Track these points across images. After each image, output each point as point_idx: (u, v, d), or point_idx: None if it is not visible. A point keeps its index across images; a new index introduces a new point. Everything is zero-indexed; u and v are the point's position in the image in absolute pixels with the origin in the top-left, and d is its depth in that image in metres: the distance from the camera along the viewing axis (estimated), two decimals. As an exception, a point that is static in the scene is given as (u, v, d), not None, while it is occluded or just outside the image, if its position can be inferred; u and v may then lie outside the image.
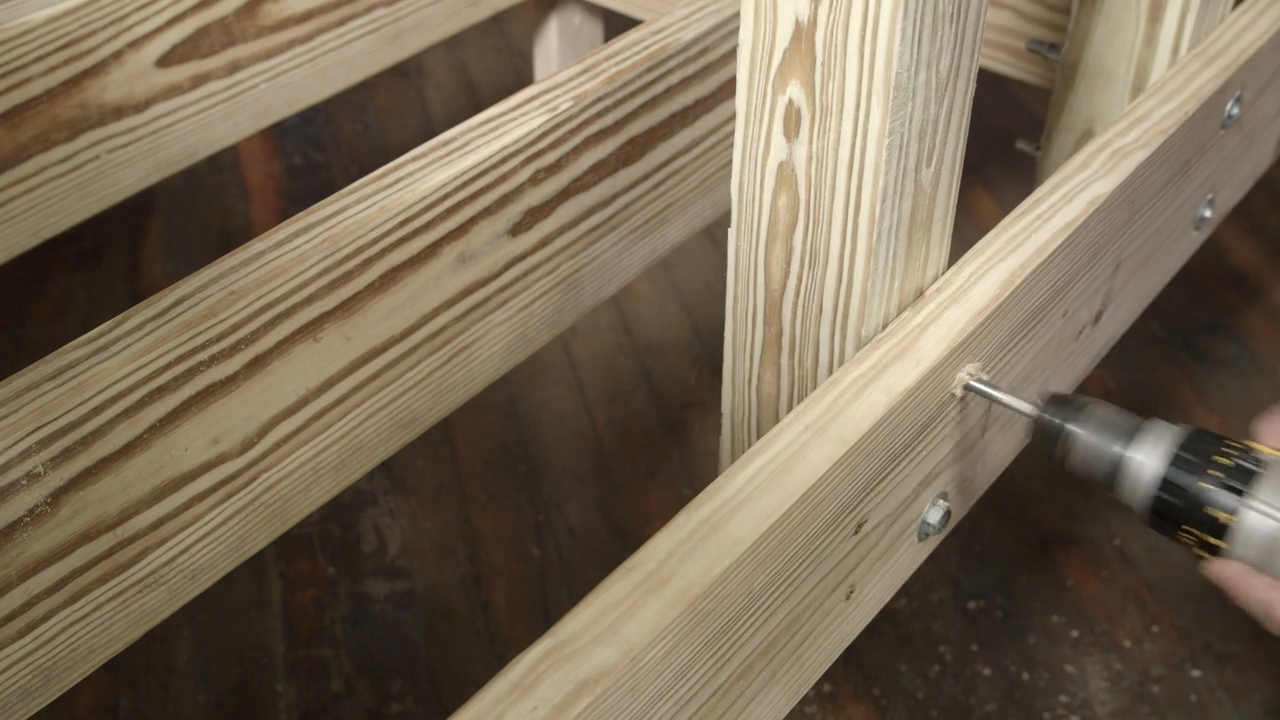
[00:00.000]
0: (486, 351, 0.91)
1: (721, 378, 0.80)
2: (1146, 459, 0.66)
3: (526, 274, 0.91)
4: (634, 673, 0.54)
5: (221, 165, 2.19)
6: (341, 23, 1.16)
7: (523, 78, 2.33)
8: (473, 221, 0.85)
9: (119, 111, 1.02)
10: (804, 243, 0.70)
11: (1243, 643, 1.44)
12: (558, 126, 0.87)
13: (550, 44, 1.48)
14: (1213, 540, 0.65)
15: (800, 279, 0.71)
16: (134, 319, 0.71)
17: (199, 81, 1.07)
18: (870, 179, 0.65)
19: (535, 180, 0.88)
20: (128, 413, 0.69)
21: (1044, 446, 0.69)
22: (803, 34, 0.63)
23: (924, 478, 0.72)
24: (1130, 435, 0.67)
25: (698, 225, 1.05)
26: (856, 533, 0.67)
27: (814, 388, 0.71)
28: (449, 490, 1.64)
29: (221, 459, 0.75)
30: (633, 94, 0.92)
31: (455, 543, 1.57)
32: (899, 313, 0.72)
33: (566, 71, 0.90)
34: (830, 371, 0.73)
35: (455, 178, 0.82)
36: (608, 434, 1.71)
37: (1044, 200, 0.79)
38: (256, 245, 0.76)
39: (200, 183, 2.16)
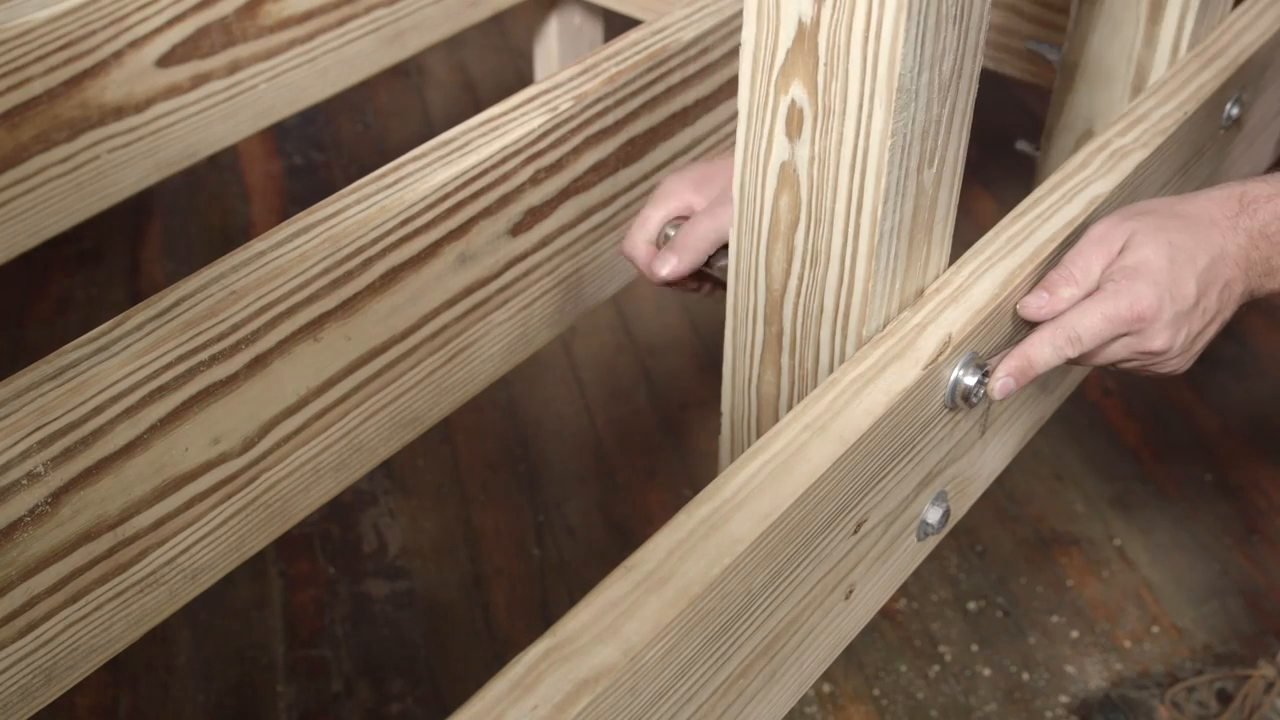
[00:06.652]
0: (487, 351, 0.91)
1: (721, 378, 0.80)
2: None
3: (527, 274, 0.91)
4: (634, 672, 0.54)
5: (221, 165, 2.19)
6: (341, 23, 1.16)
7: (523, 78, 2.33)
8: (473, 221, 0.85)
9: (119, 111, 1.02)
10: (805, 243, 0.70)
11: (1243, 642, 1.44)
12: (558, 126, 0.87)
13: (550, 44, 1.48)
14: None
15: (801, 279, 0.71)
16: (134, 319, 0.71)
17: (199, 81, 1.06)
18: (872, 180, 0.65)
19: (536, 180, 0.88)
20: (128, 413, 0.69)
21: None
22: (805, 35, 0.63)
23: (923, 477, 0.72)
24: None
25: (698, 225, 1.05)
26: (856, 532, 0.67)
27: (814, 387, 0.71)
28: (449, 490, 1.64)
29: (222, 459, 0.75)
30: (633, 94, 0.92)
31: (455, 543, 1.57)
32: (900, 313, 0.72)
33: (566, 71, 0.90)
34: (831, 371, 0.73)
35: (455, 178, 0.82)
36: (608, 434, 1.71)
37: (1043, 200, 0.79)
38: (257, 245, 0.76)
39: (200, 183, 2.16)
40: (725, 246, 0.79)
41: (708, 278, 0.81)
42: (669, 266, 0.79)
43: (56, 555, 0.69)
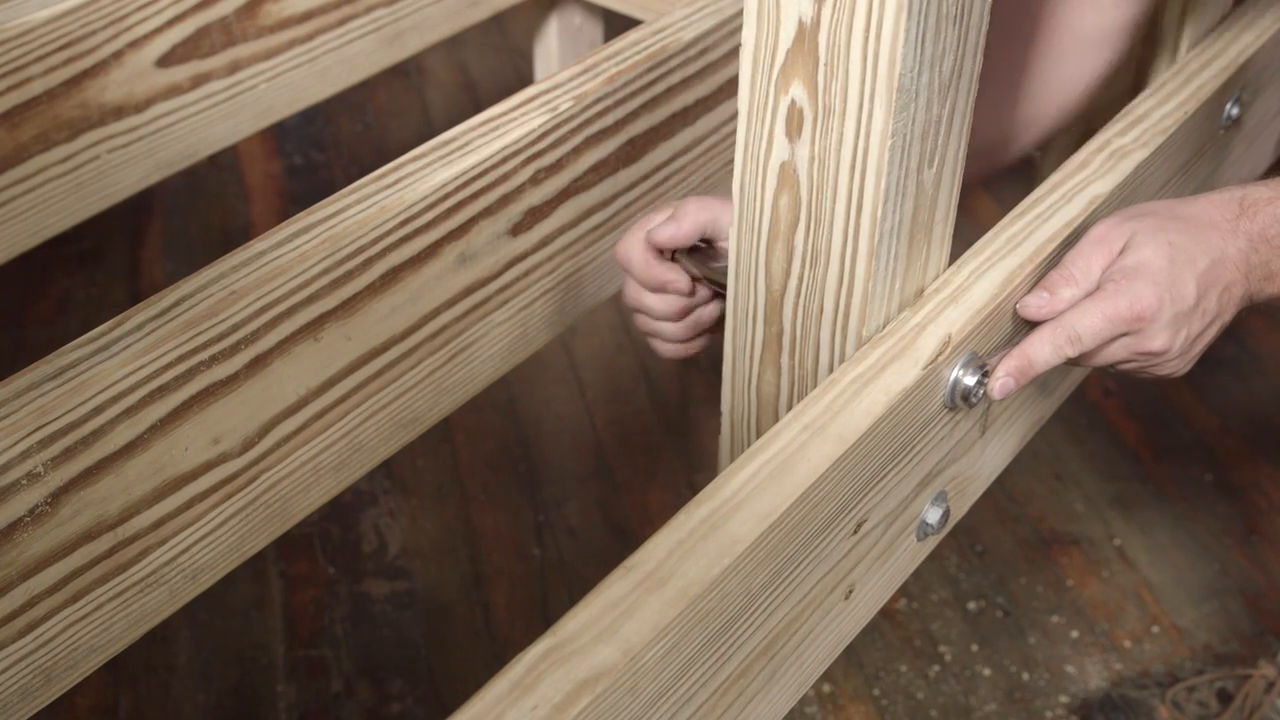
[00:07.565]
0: (487, 351, 0.91)
1: (721, 377, 0.80)
2: None
3: (527, 274, 0.91)
4: (634, 672, 0.54)
5: (221, 165, 2.19)
6: (341, 23, 1.16)
7: (523, 78, 2.33)
8: (473, 221, 0.85)
9: (119, 111, 1.02)
10: (805, 243, 0.70)
11: (1243, 642, 1.44)
12: (558, 126, 0.87)
13: (550, 44, 1.48)
14: None
15: (801, 279, 0.71)
16: (134, 319, 0.71)
17: (199, 81, 1.07)
18: (872, 180, 0.65)
19: (536, 180, 0.88)
20: (128, 413, 0.69)
21: None
22: (806, 35, 0.63)
23: (923, 477, 0.72)
24: None
25: (698, 225, 1.05)
26: (856, 532, 0.67)
27: (814, 387, 0.71)
28: (449, 490, 1.64)
29: (222, 459, 0.75)
30: (633, 94, 0.92)
31: (455, 543, 1.57)
32: (899, 313, 0.72)
33: (566, 71, 0.91)
34: (831, 371, 0.73)
35: (456, 177, 0.82)
36: (608, 434, 1.71)
37: (1043, 200, 0.79)
38: (257, 245, 0.76)
39: (200, 183, 2.16)
40: (719, 252, 0.79)
41: (709, 283, 0.81)
42: (667, 231, 0.78)
43: (56, 555, 0.69)
